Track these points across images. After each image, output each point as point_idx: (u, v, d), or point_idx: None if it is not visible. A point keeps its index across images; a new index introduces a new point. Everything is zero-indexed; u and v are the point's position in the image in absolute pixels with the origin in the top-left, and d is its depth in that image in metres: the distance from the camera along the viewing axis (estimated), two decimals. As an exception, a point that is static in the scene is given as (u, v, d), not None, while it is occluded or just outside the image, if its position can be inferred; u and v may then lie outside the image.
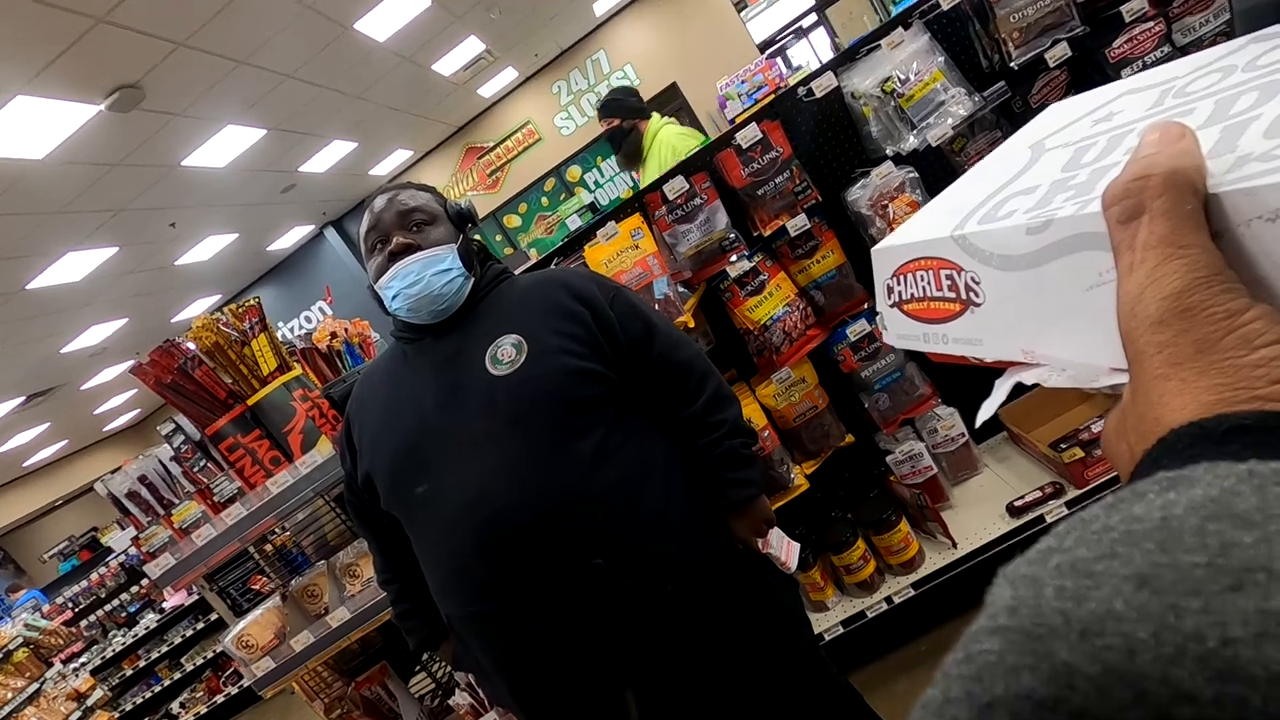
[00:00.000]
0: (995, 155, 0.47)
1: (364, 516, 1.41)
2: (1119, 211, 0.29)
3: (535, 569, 1.16)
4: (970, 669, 0.18)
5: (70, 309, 6.20)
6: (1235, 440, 0.23)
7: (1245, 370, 0.24)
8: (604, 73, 8.73)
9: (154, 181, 5.24)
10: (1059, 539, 0.20)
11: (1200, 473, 0.20)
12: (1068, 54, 1.76)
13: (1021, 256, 0.35)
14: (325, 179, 7.52)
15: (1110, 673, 0.16)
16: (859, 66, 1.91)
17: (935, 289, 0.42)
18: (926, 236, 0.43)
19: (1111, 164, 0.34)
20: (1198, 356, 0.26)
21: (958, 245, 0.40)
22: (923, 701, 0.19)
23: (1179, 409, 0.26)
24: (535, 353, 1.20)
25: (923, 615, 2.01)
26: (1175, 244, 0.27)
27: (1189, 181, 0.28)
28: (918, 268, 0.43)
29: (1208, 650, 0.15)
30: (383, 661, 2.13)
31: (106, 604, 6.28)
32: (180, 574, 1.81)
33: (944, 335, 0.42)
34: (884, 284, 0.47)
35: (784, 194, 1.92)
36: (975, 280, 0.39)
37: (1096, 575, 0.18)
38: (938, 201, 0.48)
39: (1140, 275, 0.28)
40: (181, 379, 1.73)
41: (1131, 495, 0.20)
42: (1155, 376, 0.27)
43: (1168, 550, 0.18)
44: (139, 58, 3.89)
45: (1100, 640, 0.17)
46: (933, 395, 2.07)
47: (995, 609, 0.19)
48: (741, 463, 1.31)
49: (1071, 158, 0.38)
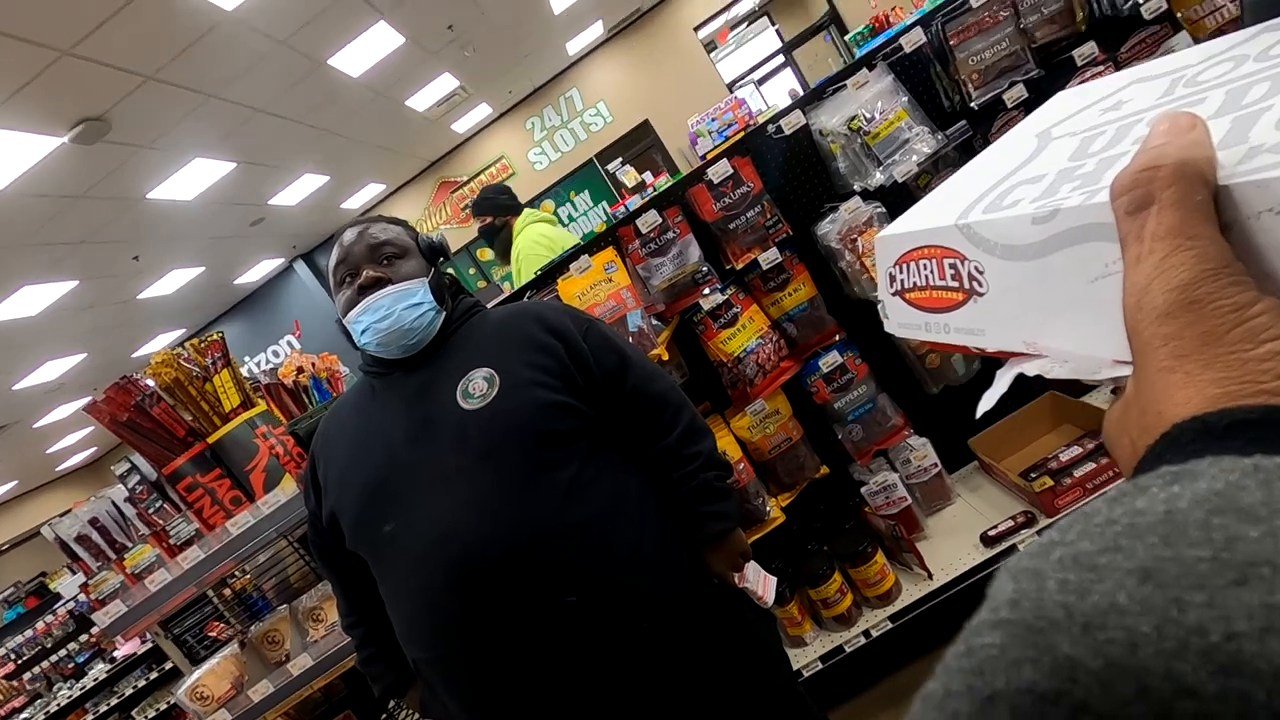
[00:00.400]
0: (1001, 143, 0.46)
1: (328, 557, 1.36)
2: (1127, 202, 0.29)
3: (507, 606, 1.13)
4: (971, 662, 0.18)
5: (25, 344, 5.99)
6: (1239, 435, 0.23)
7: (1251, 364, 0.24)
8: (577, 109, 8.87)
9: (118, 214, 5.14)
10: (1061, 532, 0.20)
11: (1205, 467, 0.20)
12: (1024, 95, 1.83)
13: (1026, 246, 0.35)
14: (296, 212, 7.45)
15: (1113, 666, 0.16)
16: (826, 105, 1.96)
17: (938, 278, 0.41)
18: (930, 225, 0.42)
19: (1119, 154, 0.34)
20: (1203, 349, 0.25)
21: (962, 234, 0.39)
22: (923, 694, 0.19)
23: (1183, 402, 0.25)
24: (507, 386, 1.18)
25: (901, 648, 1.99)
26: (1184, 235, 0.26)
27: (1199, 173, 0.27)
28: (920, 256, 0.43)
29: (1211, 644, 0.15)
30: (347, 711, 2.03)
31: (52, 654, 5.95)
32: (131, 622, 1.72)
33: (946, 325, 0.42)
34: (886, 272, 0.47)
35: (755, 228, 1.94)
36: (979, 270, 0.38)
37: (1099, 569, 0.18)
38: (941, 190, 0.47)
39: (1148, 266, 0.27)
40: (139, 416, 1.67)
41: (1135, 489, 0.20)
42: (1160, 369, 0.27)
43: (1171, 544, 0.18)
44: (106, 90, 3.85)
45: (1103, 634, 0.16)
46: (905, 425, 2.09)
47: (997, 602, 0.19)
48: (717, 496, 1.30)
49: (1079, 147, 0.38)
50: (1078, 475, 1.87)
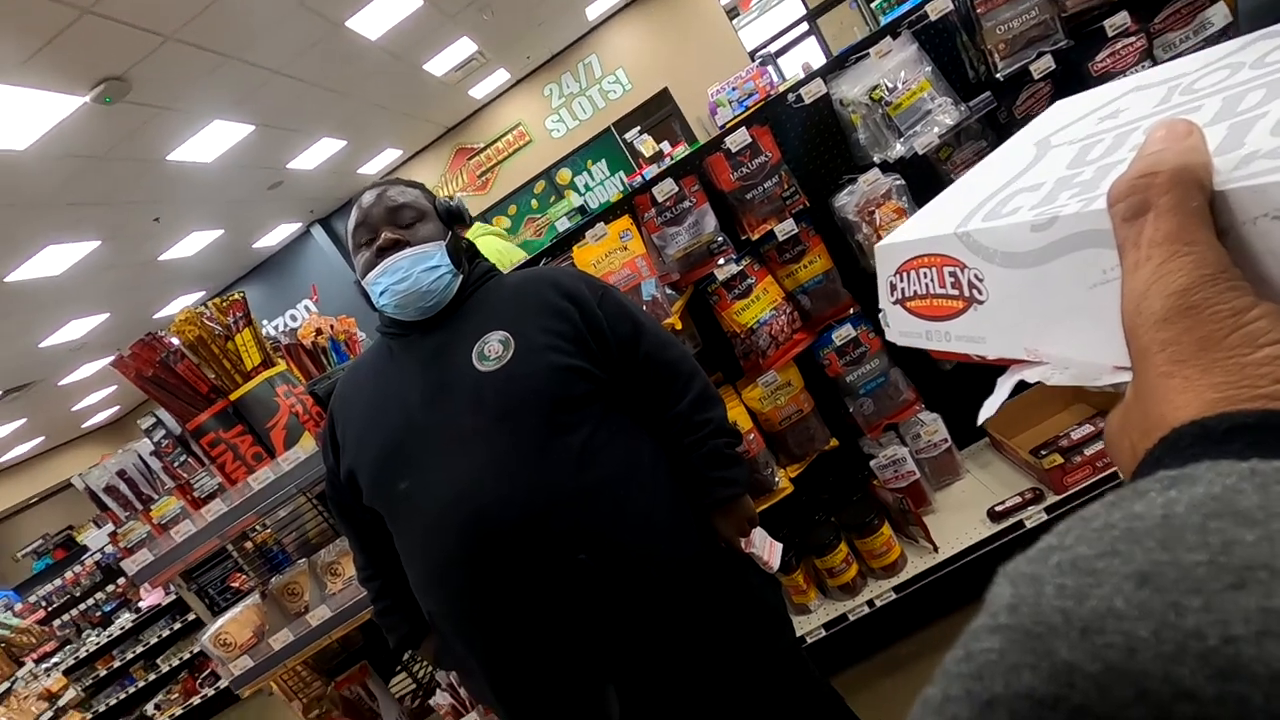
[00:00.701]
0: (1000, 152, 0.47)
1: (345, 513, 1.40)
2: (1124, 208, 0.29)
3: (519, 565, 1.16)
4: (970, 667, 0.18)
5: (50, 303, 6.10)
6: (1237, 439, 0.23)
7: (1249, 369, 0.24)
8: (596, 76, 8.75)
9: (139, 175, 5.18)
10: (1060, 537, 0.20)
11: (1202, 471, 0.20)
12: (1051, 66, 1.79)
13: (1025, 254, 0.35)
14: (313, 177, 7.46)
15: (1111, 671, 0.16)
16: (848, 74, 1.93)
17: (938, 286, 0.42)
18: (930, 233, 0.42)
19: (1117, 161, 0.34)
20: (1201, 354, 0.25)
21: (961, 242, 0.39)
22: (923, 699, 0.19)
23: (1182, 407, 0.26)
24: (523, 350, 1.20)
25: (904, 618, 2.02)
26: (1181, 241, 0.27)
27: (1195, 179, 0.27)
28: (921, 264, 0.43)
29: (1209, 648, 0.15)
30: (363, 661, 2.11)
31: (81, 603, 6.17)
32: (158, 570, 1.79)
33: (946, 333, 0.42)
34: (887, 280, 0.47)
35: (772, 199, 1.93)
36: (979, 277, 0.39)
37: (1097, 573, 0.18)
38: (941, 198, 0.48)
39: (1145, 272, 0.27)
40: (163, 372, 1.71)
41: (1133, 493, 0.20)
42: (1159, 374, 0.27)
43: (1169, 548, 0.18)
44: (126, 50, 3.85)
45: (1101, 638, 0.17)
46: (916, 401, 2.09)
47: (996, 607, 0.19)
48: (726, 462, 1.32)
49: (1077, 155, 0.38)
50: (1088, 454, 1.87)
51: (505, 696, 1.28)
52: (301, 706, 2.05)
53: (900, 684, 1.95)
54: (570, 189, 8.98)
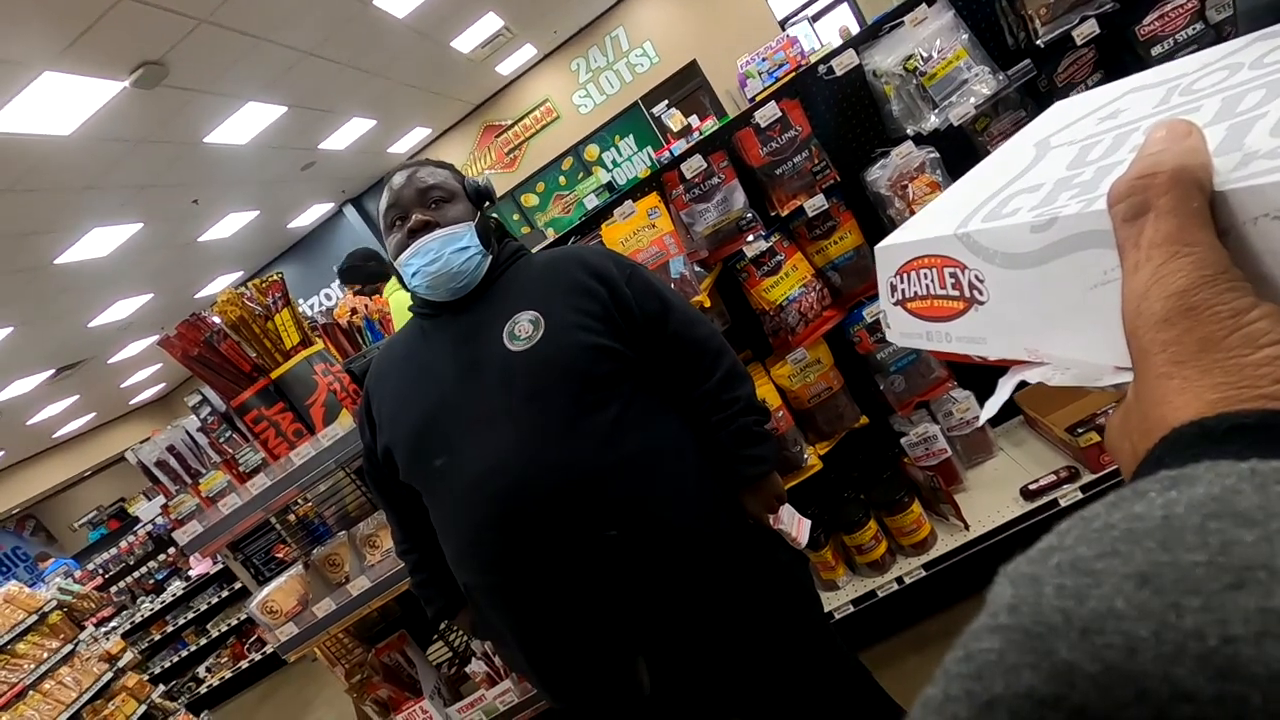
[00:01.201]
0: (999, 153, 0.47)
1: (383, 488, 1.44)
2: (1124, 209, 0.29)
3: (550, 541, 1.19)
4: (970, 667, 0.18)
5: (97, 284, 6.32)
6: (1237, 439, 0.23)
7: (1249, 369, 0.24)
8: (623, 50, 8.64)
9: (177, 158, 5.30)
10: (1060, 537, 0.20)
11: (1202, 471, 0.20)
12: (1096, 31, 1.72)
13: (1025, 254, 0.35)
14: (345, 156, 7.55)
15: (1111, 671, 0.16)
16: (881, 44, 1.88)
17: (939, 287, 0.42)
18: (930, 234, 0.42)
19: (1117, 162, 0.34)
20: (1201, 355, 0.26)
21: (961, 243, 0.39)
22: (923, 700, 0.19)
23: (1181, 407, 0.26)
24: (552, 329, 1.21)
25: (933, 596, 2.02)
26: (1181, 242, 0.27)
27: (1195, 179, 0.27)
28: (921, 265, 0.43)
29: (1208, 649, 0.15)
30: (402, 630, 2.18)
31: (135, 571, 6.48)
32: (207, 541, 1.87)
33: (947, 334, 0.42)
34: (887, 282, 0.47)
35: (802, 174, 1.91)
36: (979, 278, 0.39)
37: (1097, 573, 0.18)
38: (941, 199, 0.48)
39: (1145, 273, 0.27)
40: (207, 352, 1.77)
41: (1133, 494, 0.20)
42: (1158, 375, 0.27)
43: (1169, 548, 0.18)
44: (162, 34, 3.92)
45: (1101, 638, 0.17)
46: (949, 378, 2.06)
47: (995, 607, 0.19)
48: (754, 439, 1.33)
49: (1076, 155, 0.38)
50: (1126, 432, 1.83)
51: (539, 666, 1.32)
52: (344, 672, 2.14)
53: (928, 660, 1.96)
54: (598, 165, 8.93)
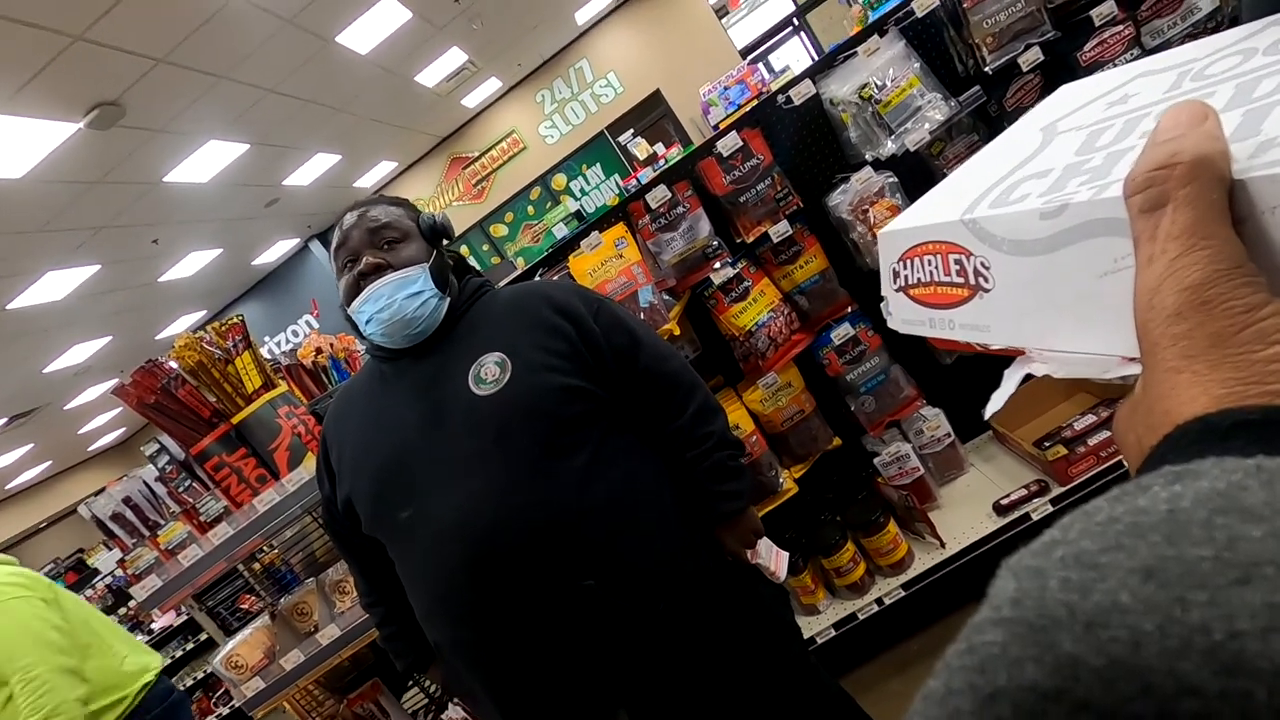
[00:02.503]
0: (1004, 138, 0.46)
1: (343, 540, 1.38)
2: (1142, 200, 0.28)
3: (524, 592, 1.14)
4: (973, 660, 0.18)
5: (52, 328, 6.13)
6: (1241, 435, 0.23)
7: (1259, 366, 0.24)
8: (587, 81, 8.76)
9: (135, 198, 5.20)
10: (1063, 531, 0.20)
11: (1207, 466, 0.20)
12: (1040, 58, 1.79)
13: (1034, 242, 0.35)
14: (309, 192, 7.49)
15: (1115, 665, 0.16)
16: (836, 73, 1.93)
17: (943, 274, 0.41)
18: (935, 220, 0.42)
19: (1127, 148, 0.33)
20: (1212, 350, 0.25)
21: (968, 229, 0.39)
22: (925, 693, 0.19)
23: (1189, 402, 0.25)
24: (519, 370, 1.17)
25: (913, 615, 2.02)
26: (1198, 235, 0.26)
27: (1215, 171, 0.27)
28: (925, 252, 0.42)
29: (1214, 643, 0.15)
30: (375, 678, 2.11)
31: (94, 626, 6.19)
32: (167, 595, 1.79)
33: (951, 321, 0.41)
34: (890, 268, 0.46)
35: (766, 201, 1.93)
36: (985, 265, 0.38)
37: (1102, 567, 0.18)
38: (945, 185, 0.47)
39: (1160, 266, 0.27)
40: (165, 399, 1.71)
41: (1137, 488, 0.20)
42: (1168, 369, 0.27)
43: (1174, 543, 0.18)
44: (118, 74, 3.87)
45: (1105, 632, 0.16)
46: (918, 396, 2.09)
47: (999, 600, 0.19)
48: (729, 475, 1.30)
49: (1085, 141, 0.37)
50: (1091, 444, 1.86)
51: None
52: (315, 725, 2.05)
53: (912, 681, 1.95)
54: (566, 194, 8.99)
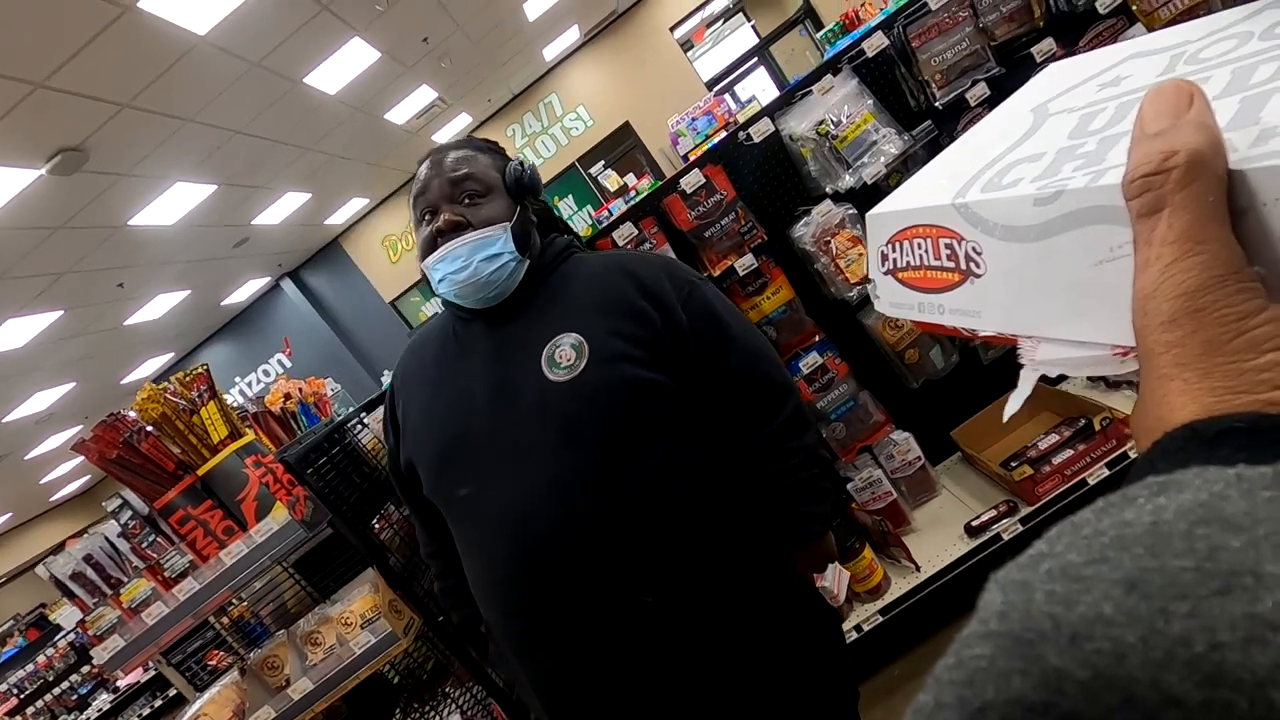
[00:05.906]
0: (993, 118, 0.45)
1: (408, 493, 1.33)
2: (1139, 205, 0.28)
3: (577, 600, 1.08)
4: (961, 674, 0.18)
5: (14, 376, 5.97)
6: (1227, 443, 0.23)
7: (1249, 374, 0.24)
8: (557, 115, 8.89)
9: (100, 242, 5.13)
10: (1050, 544, 0.20)
11: (1190, 477, 0.20)
12: (987, 93, 1.86)
13: (1028, 228, 0.34)
14: (279, 231, 7.44)
15: (1099, 677, 0.16)
16: (794, 110, 1.99)
17: (933, 257, 0.40)
18: (925, 203, 0.41)
19: (1120, 133, 0.33)
20: (1203, 358, 0.25)
21: (959, 214, 0.38)
22: (915, 707, 0.19)
23: (1179, 409, 0.26)
24: (596, 358, 1.08)
25: (893, 641, 2.02)
26: (1194, 239, 0.26)
27: (1212, 170, 0.26)
28: (915, 235, 0.42)
29: (1196, 654, 0.15)
30: (350, 731, 2.05)
31: (55, 687, 5.94)
32: (131, 655, 1.73)
33: (941, 306, 0.41)
34: (878, 250, 0.45)
35: (730, 234, 1.97)
36: (976, 250, 0.37)
37: (1086, 580, 0.18)
38: (934, 165, 0.46)
39: (1154, 271, 0.27)
40: (127, 453, 1.68)
41: (1122, 500, 0.20)
42: (1160, 376, 0.27)
43: (1157, 555, 0.18)
44: (81, 120, 3.84)
45: (1090, 644, 0.17)
46: (887, 421, 2.12)
47: (986, 614, 0.19)
48: (816, 496, 1.20)
49: (1078, 124, 0.36)
50: (1056, 463, 1.90)
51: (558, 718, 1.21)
52: (288, 784, 1.98)
53: (894, 710, 1.94)
54: (539, 226, 9.03)
